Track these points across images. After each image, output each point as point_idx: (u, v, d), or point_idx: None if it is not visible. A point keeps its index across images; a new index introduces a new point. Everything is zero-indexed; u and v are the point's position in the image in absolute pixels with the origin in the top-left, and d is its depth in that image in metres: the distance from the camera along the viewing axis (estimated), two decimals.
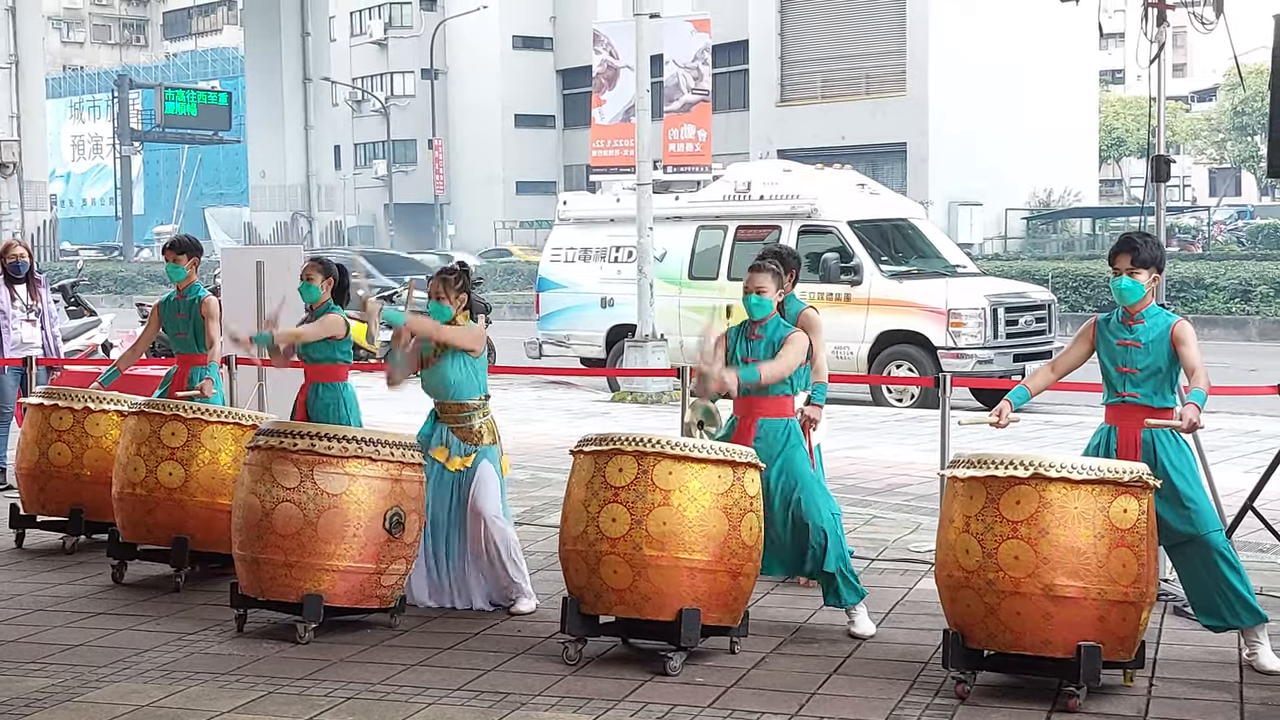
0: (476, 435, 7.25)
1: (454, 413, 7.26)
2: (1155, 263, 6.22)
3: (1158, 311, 6.22)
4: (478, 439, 7.25)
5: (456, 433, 7.25)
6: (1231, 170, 67.37)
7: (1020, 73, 44.04)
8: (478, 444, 7.24)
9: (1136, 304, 6.21)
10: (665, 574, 6.12)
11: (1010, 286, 18.84)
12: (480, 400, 7.28)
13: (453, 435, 7.25)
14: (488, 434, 7.29)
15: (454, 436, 7.24)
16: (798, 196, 17.91)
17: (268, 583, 6.71)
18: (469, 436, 7.24)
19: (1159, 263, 6.26)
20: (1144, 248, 6.20)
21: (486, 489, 7.20)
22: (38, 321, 11.37)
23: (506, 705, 5.78)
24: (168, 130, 58.54)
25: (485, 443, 7.27)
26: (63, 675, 6.20)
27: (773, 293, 6.89)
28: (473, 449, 7.23)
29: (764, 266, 6.97)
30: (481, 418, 7.28)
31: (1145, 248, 6.20)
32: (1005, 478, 5.72)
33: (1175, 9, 8.39)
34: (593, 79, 23.25)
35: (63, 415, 8.71)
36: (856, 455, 12.65)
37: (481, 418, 7.28)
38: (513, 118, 64.66)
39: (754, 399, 6.81)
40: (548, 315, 19.91)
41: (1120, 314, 6.26)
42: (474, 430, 7.25)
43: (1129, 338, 6.19)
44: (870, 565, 8.19)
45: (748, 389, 6.78)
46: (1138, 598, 5.74)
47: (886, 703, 5.80)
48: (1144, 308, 6.21)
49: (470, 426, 7.25)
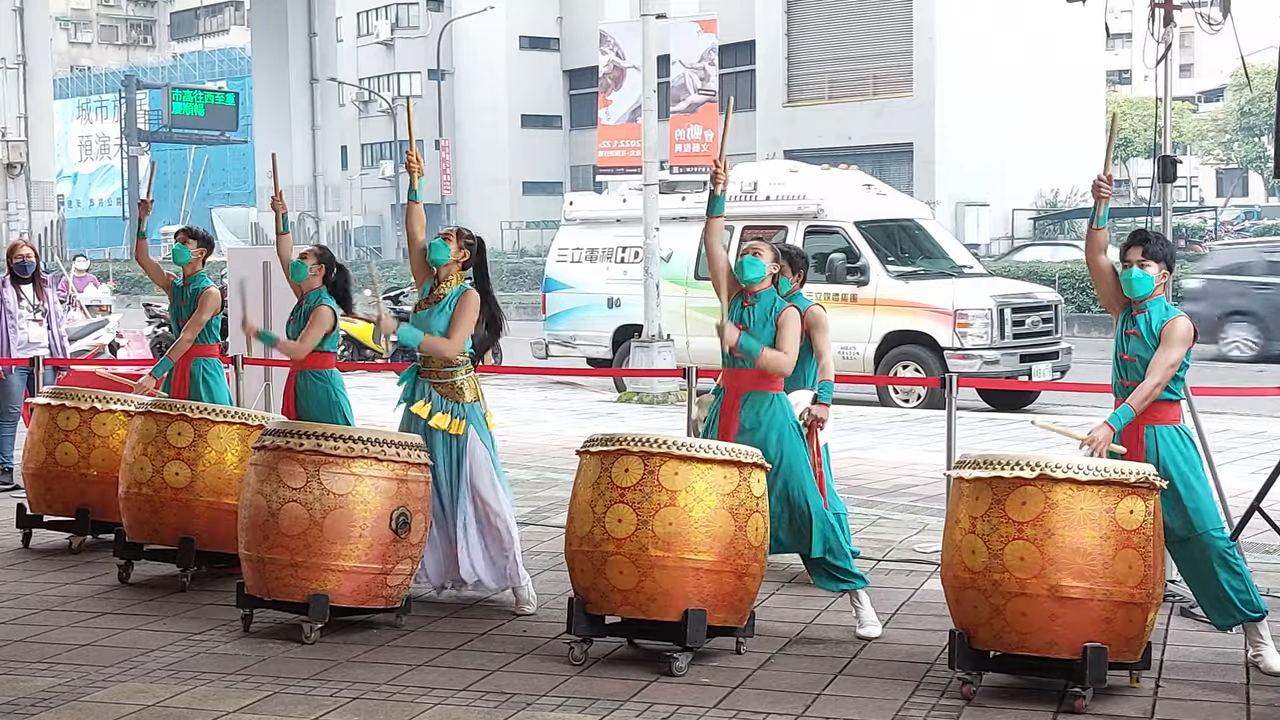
0: (458, 391, 7.18)
1: (437, 367, 7.19)
2: (1165, 258, 6.30)
3: (1161, 304, 6.27)
4: (459, 395, 7.19)
5: (439, 389, 7.18)
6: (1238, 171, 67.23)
7: (1027, 73, 43.98)
8: (460, 400, 7.19)
9: (1144, 296, 6.25)
10: (671, 574, 6.12)
11: (1017, 287, 18.83)
12: (465, 356, 7.24)
13: (435, 391, 7.19)
14: (469, 391, 7.22)
15: (436, 393, 7.19)
16: (804, 197, 17.90)
17: (273, 583, 6.72)
18: (451, 393, 7.17)
19: (1169, 259, 6.33)
20: (1155, 242, 6.31)
21: (482, 475, 7.14)
22: (44, 321, 11.39)
23: (512, 705, 5.78)
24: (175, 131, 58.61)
25: (468, 399, 7.20)
26: (69, 675, 6.21)
27: (768, 260, 6.83)
28: (459, 409, 7.18)
29: (763, 238, 6.97)
30: (464, 374, 7.23)
31: (1156, 243, 6.31)
32: (1011, 478, 5.72)
33: (1182, 9, 8.39)
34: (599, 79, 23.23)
35: (69, 415, 8.72)
36: (863, 456, 12.65)
37: (464, 374, 7.23)
38: (519, 118, 64.64)
39: (741, 370, 6.79)
40: (554, 316, 19.91)
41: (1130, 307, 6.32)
42: (455, 386, 7.19)
43: (1132, 326, 6.26)
44: (876, 566, 8.19)
45: (737, 359, 6.76)
46: (1144, 599, 5.73)
47: (892, 704, 5.80)
48: (1150, 300, 6.26)
49: (453, 382, 7.18)
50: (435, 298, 7.26)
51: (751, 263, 6.81)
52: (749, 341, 6.67)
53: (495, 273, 38.49)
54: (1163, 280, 6.30)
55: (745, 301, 6.85)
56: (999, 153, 44.00)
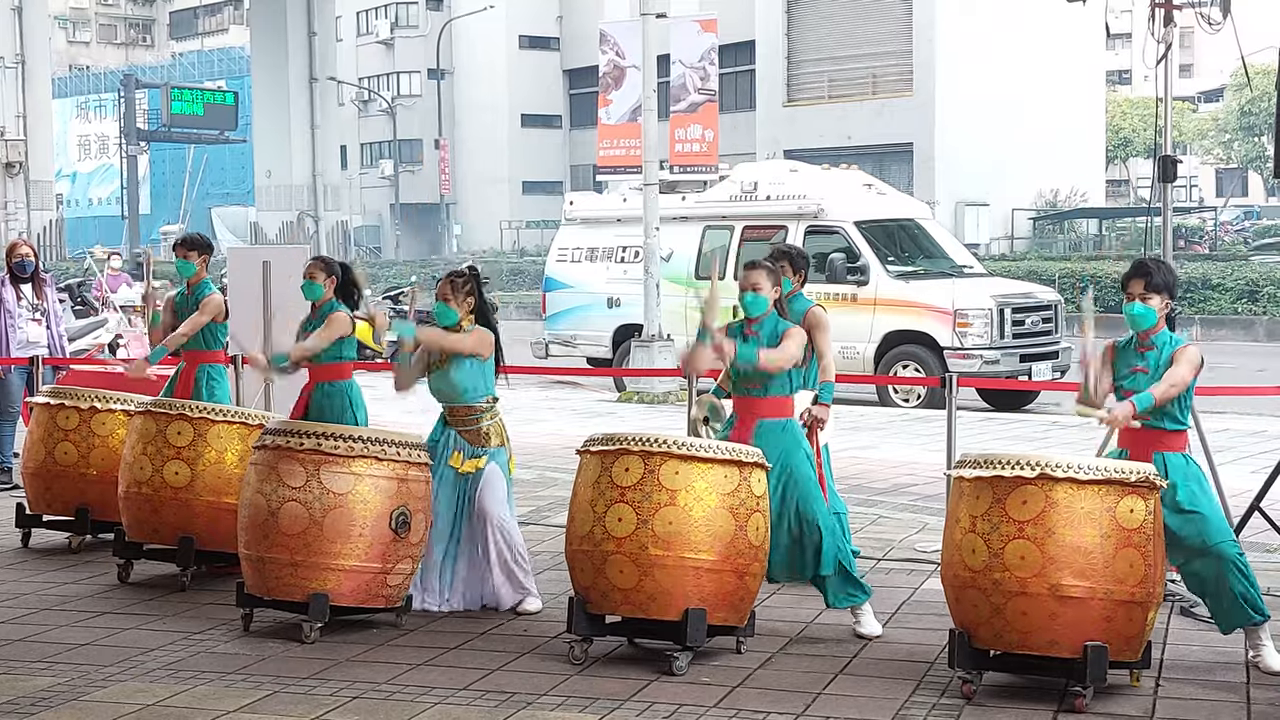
0: (484, 437, 7.24)
1: (462, 415, 7.26)
2: (1168, 288, 6.24)
3: (1168, 337, 6.24)
4: (485, 441, 7.24)
5: (464, 435, 7.24)
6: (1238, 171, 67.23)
7: (1027, 73, 43.97)
8: (485, 446, 7.23)
9: (1149, 329, 6.22)
10: (671, 574, 6.11)
11: (1017, 287, 18.84)
12: (487, 402, 7.28)
13: (461, 438, 7.25)
14: (495, 436, 7.28)
15: (462, 439, 7.24)
16: (804, 196, 17.91)
17: (273, 582, 6.72)
18: (477, 439, 7.24)
19: (1171, 289, 6.28)
20: (1157, 273, 6.22)
21: (494, 492, 7.19)
22: (43, 321, 11.39)
23: (512, 705, 5.78)
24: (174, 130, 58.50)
25: (493, 445, 7.26)
26: (69, 674, 6.20)
27: (768, 290, 6.84)
28: (483, 451, 7.22)
29: (759, 264, 6.96)
30: (489, 419, 7.27)
31: (1158, 273, 6.23)
32: (1012, 478, 5.71)
33: (1182, 9, 8.41)
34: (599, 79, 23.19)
35: (69, 414, 8.71)
36: (863, 455, 12.65)
37: (489, 419, 7.27)
38: (519, 117, 64.64)
39: (753, 400, 6.79)
40: (554, 315, 19.91)
41: (1134, 340, 6.27)
42: (482, 432, 7.25)
43: (1139, 364, 6.21)
44: (876, 565, 8.19)
45: (748, 388, 6.76)
46: (1144, 598, 5.73)
47: (893, 703, 5.79)
48: (1155, 333, 6.23)
49: (478, 429, 7.24)
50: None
51: (755, 300, 6.83)
52: (746, 350, 6.67)
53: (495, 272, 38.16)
54: (1164, 310, 6.26)
55: (748, 331, 6.85)
56: (999, 152, 44.01)
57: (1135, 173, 65.28)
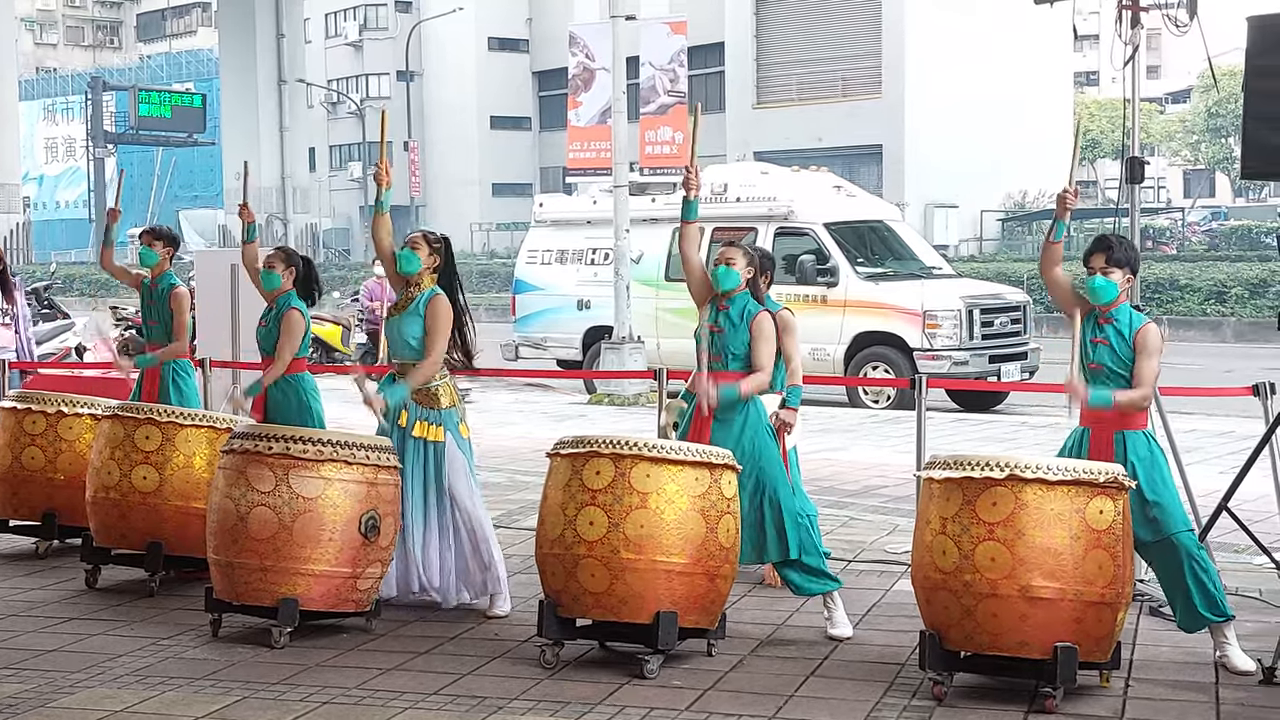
0: (434, 397, 7.19)
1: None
2: (1130, 263, 6.28)
3: (1128, 311, 6.27)
4: (435, 401, 7.19)
5: (415, 396, 7.18)
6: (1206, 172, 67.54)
7: (995, 75, 44.15)
8: (435, 406, 7.18)
9: (1110, 303, 6.24)
10: (642, 577, 6.10)
11: (986, 288, 18.90)
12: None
13: (415, 405, 7.19)
14: (445, 396, 7.23)
15: (412, 399, 7.19)
16: (774, 198, 17.94)
17: (243, 587, 6.68)
18: (427, 399, 7.18)
19: (1133, 263, 6.31)
20: (1118, 247, 6.27)
21: (455, 471, 7.16)
22: (12, 325, 11.31)
23: (484, 709, 5.76)
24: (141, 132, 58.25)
25: (444, 405, 7.21)
26: (35, 681, 6.16)
27: (742, 268, 6.88)
28: (435, 415, 7.17)
29: (736, 243, 7.01)
30: (439, 379, 7.23)
31: (1120, 248, 6.28)
32: (981, 479, 5.73)
33: (1149, 11, 8.42)
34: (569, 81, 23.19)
35: (36, 419, 8.65)
36: (833, 457, 12.67)
37: (439, 379, 7.23)
38: (489, 119, 64.57)
39: (712, 374, 6.79)
40: (524, 317, 19.89)
41: (1095, 313, 6.30)
42: (431, 392, 7.19)
43: (1098, 335, 6.24)
44: (847, 567, 8.20)
45: (714, 362, 6.78)
46: (1114, 599, 5.75)
47: (864, 705, 5.80)
48: (1116, 307, 6.25)
49: (428, 389, 7.19)
50: (406, 301, 7.28)
51: (727, 273, 6.85)
52: (728, 390, 6.68)
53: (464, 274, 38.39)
54: (1127, 285, 6.29)
55: (720, 305, 6.88)
56: (968, 154, 44.15)
57: (1103, 174, 65.51)
